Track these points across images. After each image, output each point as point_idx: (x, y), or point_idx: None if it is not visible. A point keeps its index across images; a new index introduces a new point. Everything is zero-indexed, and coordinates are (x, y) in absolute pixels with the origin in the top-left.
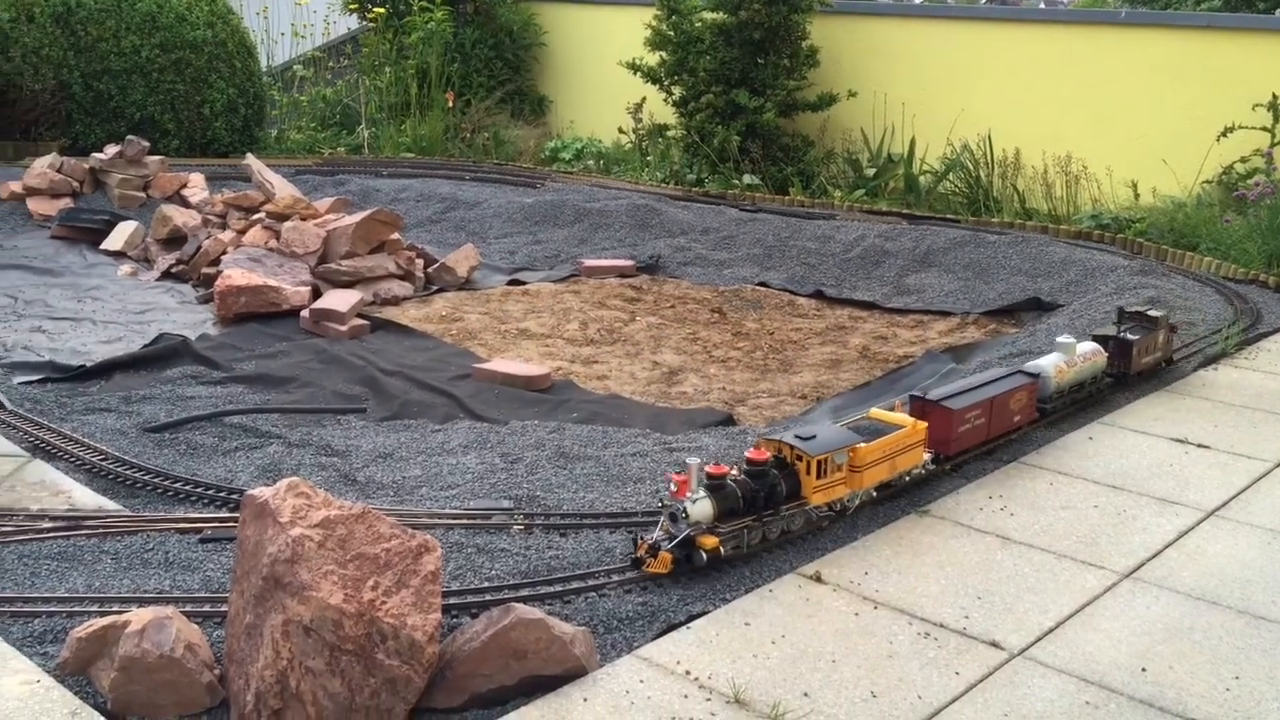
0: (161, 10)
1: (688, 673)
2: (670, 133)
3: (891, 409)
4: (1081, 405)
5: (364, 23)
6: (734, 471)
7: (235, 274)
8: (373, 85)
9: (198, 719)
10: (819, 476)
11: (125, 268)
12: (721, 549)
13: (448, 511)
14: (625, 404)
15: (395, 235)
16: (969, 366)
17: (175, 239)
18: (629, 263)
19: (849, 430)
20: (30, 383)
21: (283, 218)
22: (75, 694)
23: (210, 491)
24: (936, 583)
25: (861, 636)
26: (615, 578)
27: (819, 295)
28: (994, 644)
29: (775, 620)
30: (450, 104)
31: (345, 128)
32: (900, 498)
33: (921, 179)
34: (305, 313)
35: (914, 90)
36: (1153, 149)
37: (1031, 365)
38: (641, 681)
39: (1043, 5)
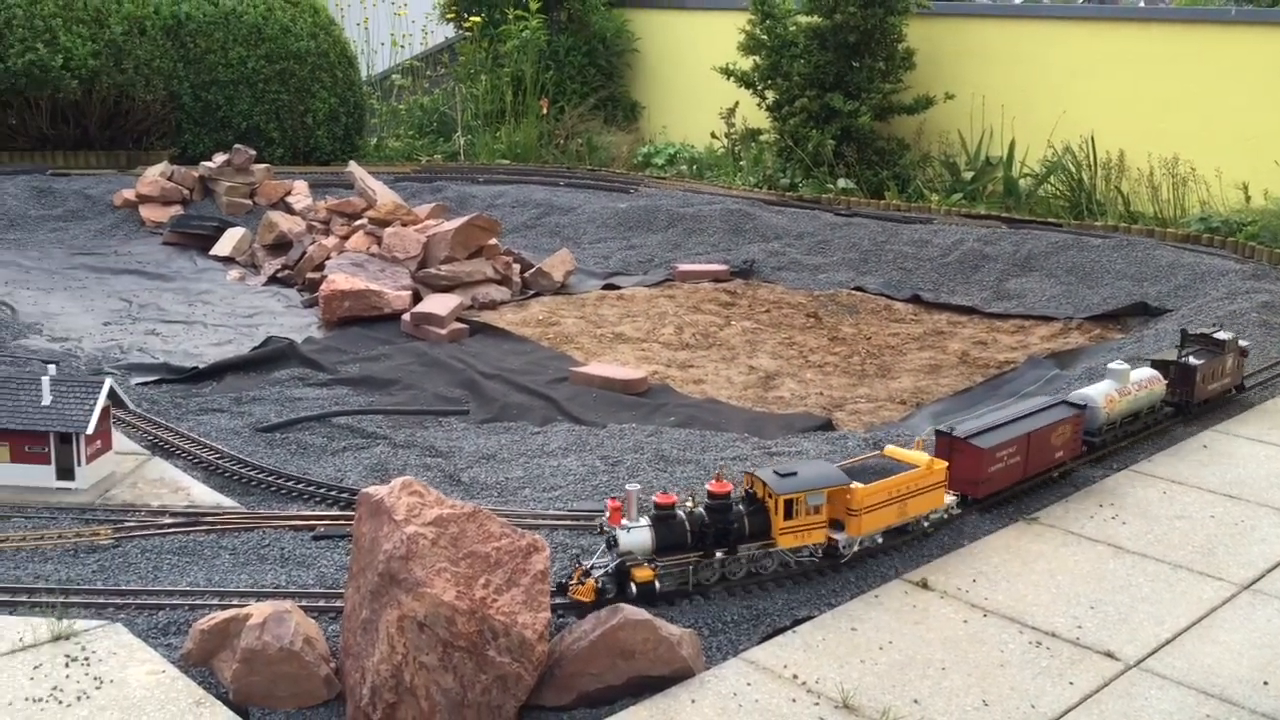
0: (267, 22)
1: (795, 676)
2: (763, 137)
3: (912, 445)
4: (1136, 438)
5: (460, 32)
6: (689, 503)
7: (339, 279)
8: (469, 93)
9: (315, 711)
10: (787, 517)
11: (233, 273)
12: (657, 583)
13: (551, 512)
14: (722, 408)
15: (493, 240)
16: (1074, 373)
17: (281, 244)
18: (723, 267)
19: (840, 470)
20: (147, 384)
21: (384, 223)
22: (199, 684)
23: (321, 490)
24: (1047, 591)
25: (971, 644)
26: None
27: (916, 300)
28: (1109, 654)
29: (882, 626)
30: (544, 111)
31: (442, 135)
32: (1007, 505)
33: (1021, 182)
34: (406, 316)
35: (1013, 92)
36: (1265, 150)
37: (1078, 395)
38: (749, 684)
39: (1142, 4)
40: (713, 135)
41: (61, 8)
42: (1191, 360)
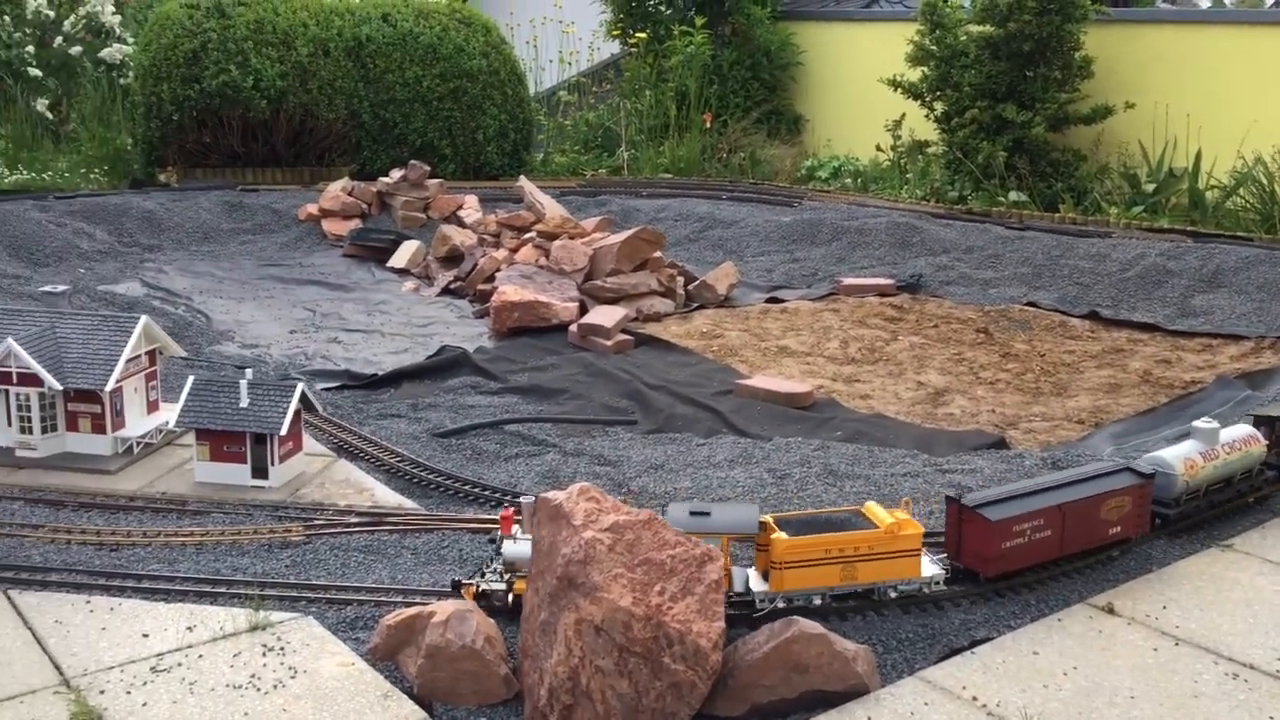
0: (442, 42)
1: (974, 699)
2: (931, 149)
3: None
4: (1227, 509)
5: (626, 48)
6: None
7: (509, 290)
8: (633, 108)
9: (495, 709)
10: None
11: (409, 284)
12: None
13: None
14: (890, 424)
15: (658, 253)
16: (1266, 394)
17: (453, 257)
18: (889, 281)
19: (757, 518)
20: (330, 389)
21: (552, 236)
22: (386, 678)
23: (496, 495)
24: (1243, 621)
25: (1162, 673)
26: (893, 594)
27: (1094, 316)
28: None
29: (1066, 651)
30: (708, 125)
31: (606, 150)
32: (1199, 530)
33: (1208, 194)
34: (573, 327)
35: (1199, 100)
36: None
37: (1151, 458)
38: (926, 704)
39: None
40: (878, 148)
41: (253, 31)
42: None
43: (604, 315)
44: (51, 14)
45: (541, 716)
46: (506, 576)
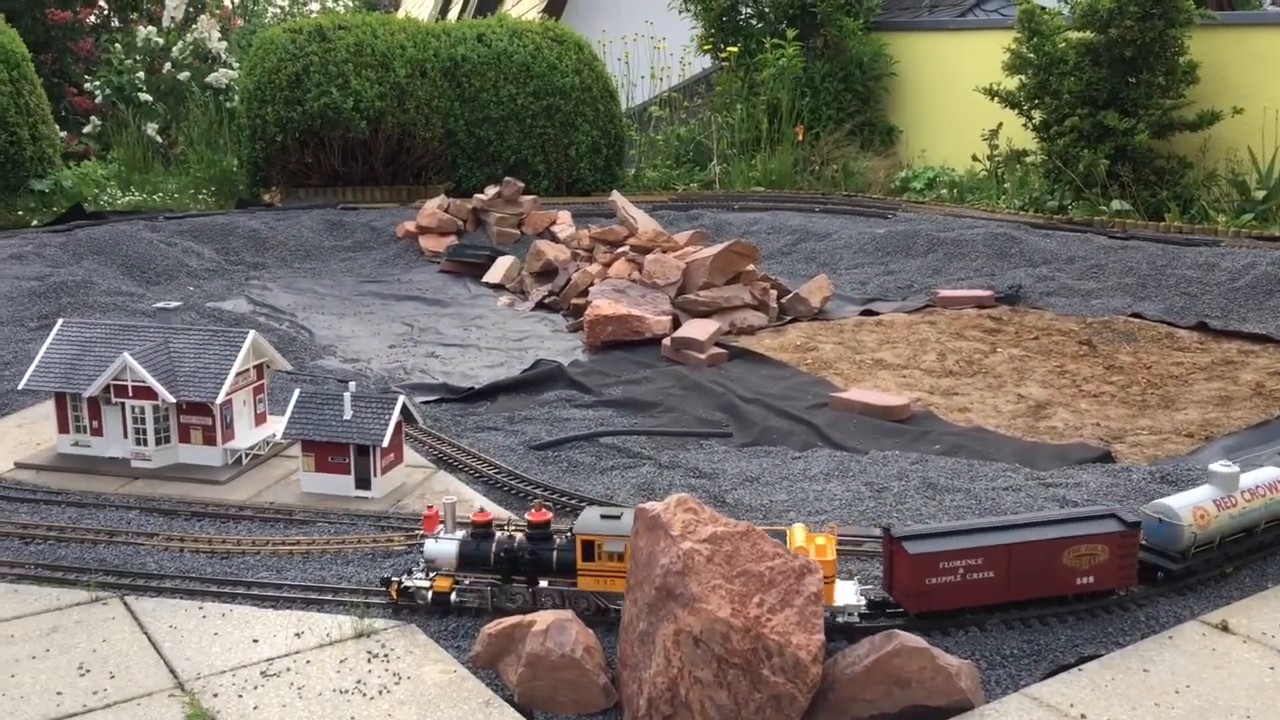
0: (535, 61)
1: (1083, 716)
2: (1029, 158)
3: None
4: (1251, 561)
5: (717, 62)
6: (510, 526)
7: (602, 304)
8: (724, 122)
9: (594, 718)
10: (586, 559)
11: (503, 299)
12: (454, 596)
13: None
14: (990, 437)
15: (751, 266)
16: None
17: (547, 272)
18: (987, 293)
19: None
20: (428, 402)
21: (644, 251)
22: (487, 685)
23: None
24: None
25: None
26: (997, 615)
27: (1202, 327)
28: None
29: (1178, 669)
30: (800, 138)
31: (698, 164)
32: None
33: None
34: (666, 341)
35: None
36: None
37: (1154, 505)
38: None
39: None
40: (974, 158)
41: (353, 54)
42: None
43: (697, 329)
44: (161, 41)
45: None
46: (431, 575)
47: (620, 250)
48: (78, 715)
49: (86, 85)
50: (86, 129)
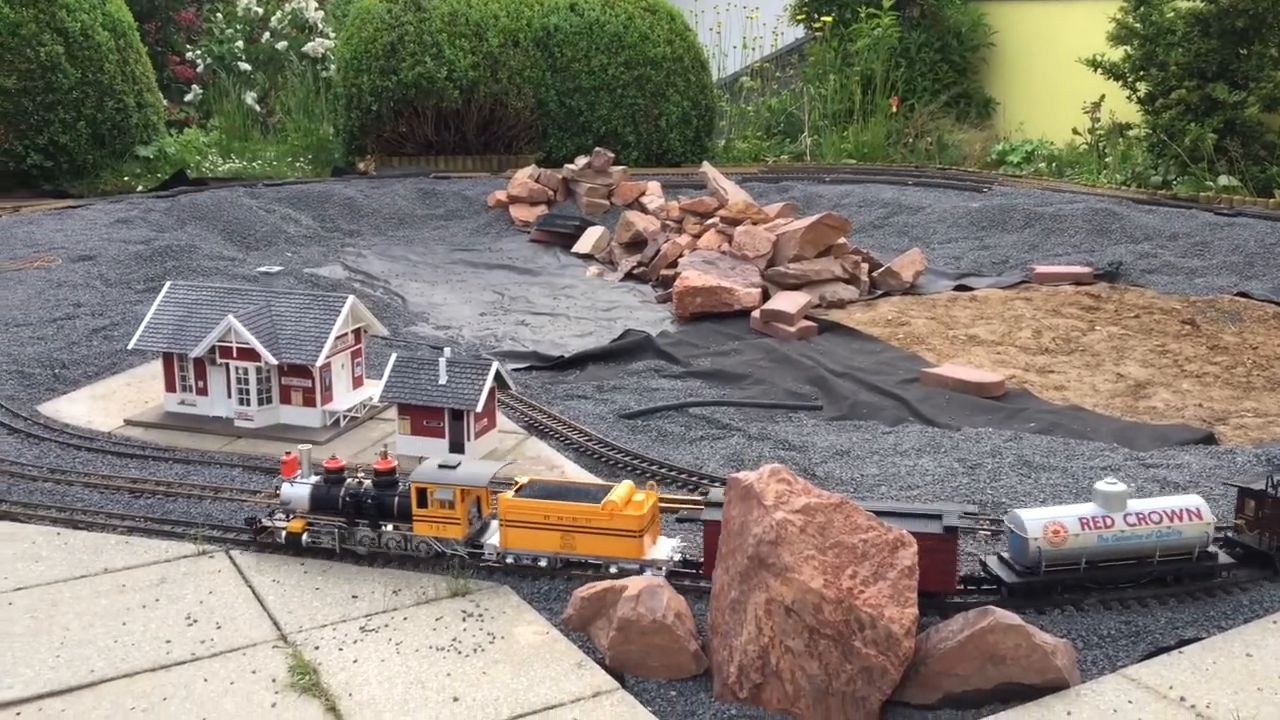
0: (627, 30)
1: (1182, 699)
2: (1132, 132)
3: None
4: (1128, 590)
5: (810, 33)
6: (360, 474)
7: (691, 275)
8: (817, 93)
9: (684, 684)
10: (420, 505)
11: (592, 269)
12: (305, 537)
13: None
14: (1087, 416)
15: (842, 239)
16: None
17: (636, 242)
18: (1085, 269)
19: (490, 475)
20: (518, 370)
21: (734, 222)
22: (579, 648)
23: (683, 475)
24: None
25: None
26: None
27: None
28: None
29: None
30: (894, 109)
31: (788, 136)
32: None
33: None
34: (755, 313)
35: None
36: None
37: (1010, 515)
38: (1130, 702)
39: None
40: (1074, 131)
41: (447, 24)
42: None
43: (787, 301)
44: (260, 11)
45: (730, 693)
46: (287, 516)
47: (710, 222)
48: (186, 663)
49: (188, 54)
50: (188, 97)
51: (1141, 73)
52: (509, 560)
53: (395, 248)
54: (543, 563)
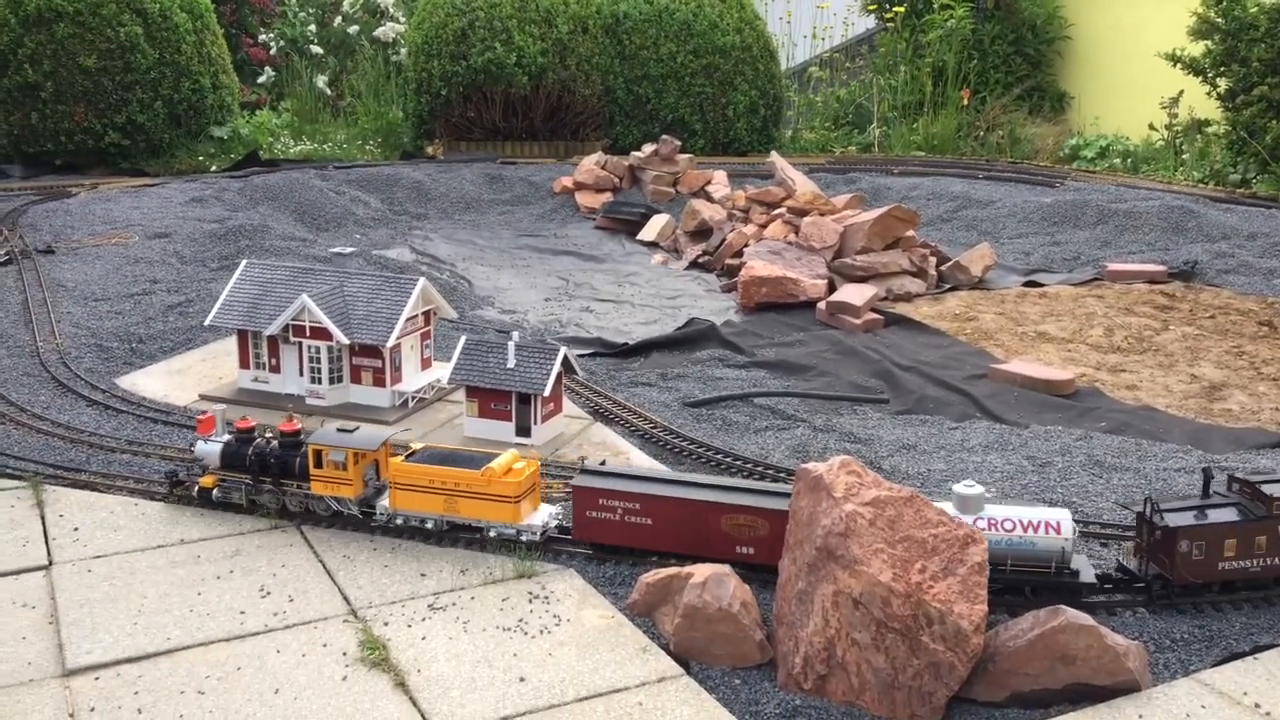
0: (697, 18)
1: (1257, 705)
2: (1211, 129)
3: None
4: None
5: (881, 23)
6: (269, 434)
7: (757, 265)
8: (886, 84)
9: (748, 672)
10: (316, 466)
11: (657, 256)
12: (215, 491)
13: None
14: (1159, 417)
15: (910, 232)
16: None
17: (701, 231)
18: (1160, 267)
19: (381, 440)
20: (582, 356)
21: (802, 213)
22: (644, 633)
23: (747, 465)
24: None
25: None
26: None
27: None
28: None
29: None
30: (965, 101)
31: (857, 127)
32: None
33: None
34: (821, 305)
35: None
36: None
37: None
38: (1203, 707)
39: None
40: (1150, 127)
41: (517, 10)
42: (1171, 519)
43: (853, 293)
44: None
45: (795, 684)
46: (201, 472)
47: (777, 212)
48: (259, 634)
49: (261, 37)
50: (261, 79)
51: (1222, 68)
52: (399, 521)
53: (462, 231)
54: (429, 524)
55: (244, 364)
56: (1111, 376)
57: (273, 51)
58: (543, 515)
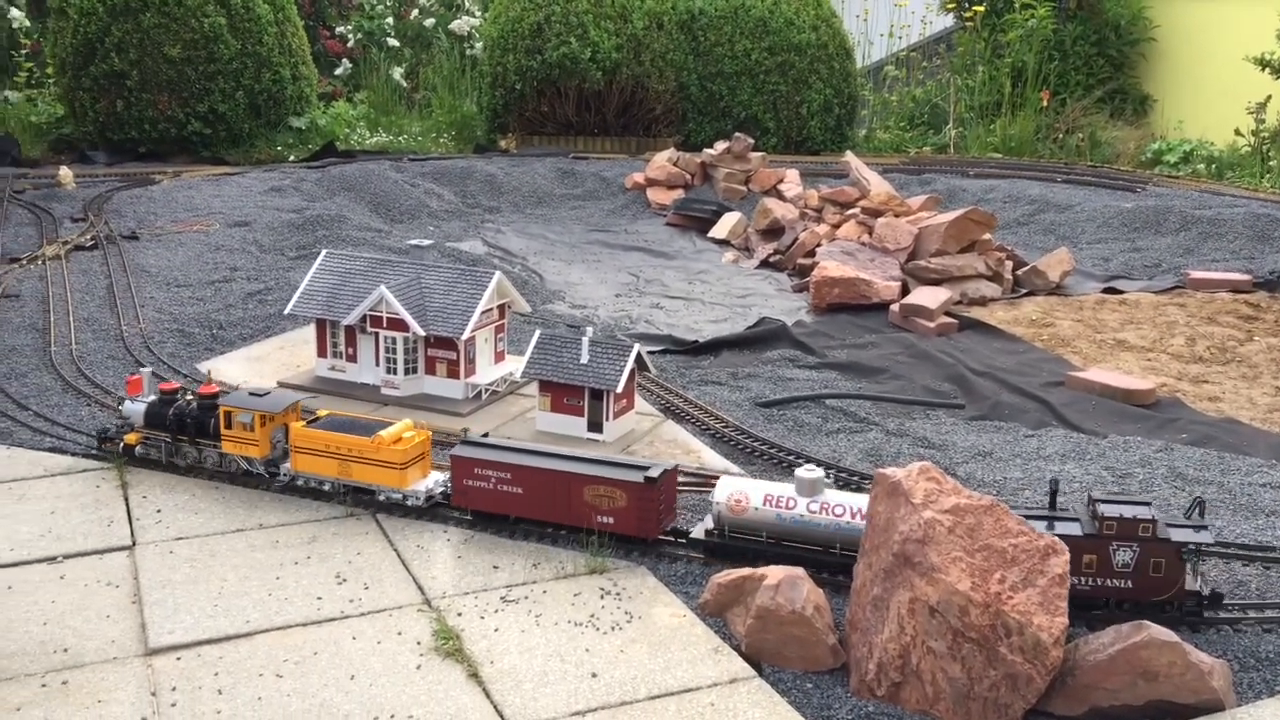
0: (773, 15)
1: None
2: None
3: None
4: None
5: (960, 22)
6: (190, 397)
7: (830, 265)
8: (963, 84)
9: (820, 677)
10: (226, 427)
11: (728, 255)
12: (139, 449)
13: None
14: (1243, 430)
15: (986, 235)
16: None
17: (773, 230)
18: (1244, 276)
19: (283, 403)
20: (653, 353)
21: (876, 213)
22: (715, 633)
23: (820, 468)
24: None
25: None
26: (1252, 614)
27: None
28: None
29: None
30: (1045, 103)
31: (932, 127)
32: None
33: None
34: (894, 307)
35: None
36: None
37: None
38: None
39: None
40: (1236, 132)
41: (593, 4)
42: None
43: (927, 296)
44: None
45: (868, 690)
46: (130, 430)
47: (850, 212)
48: (335, 620)
49: (339, 29)
50: (338, 71)
51: None
52: (299, 483)
53: (533, 225)
54: (326, 486)
55: (321, 353)
56: (1193, 387)
57: (350, 44)
58: (428, 482)
